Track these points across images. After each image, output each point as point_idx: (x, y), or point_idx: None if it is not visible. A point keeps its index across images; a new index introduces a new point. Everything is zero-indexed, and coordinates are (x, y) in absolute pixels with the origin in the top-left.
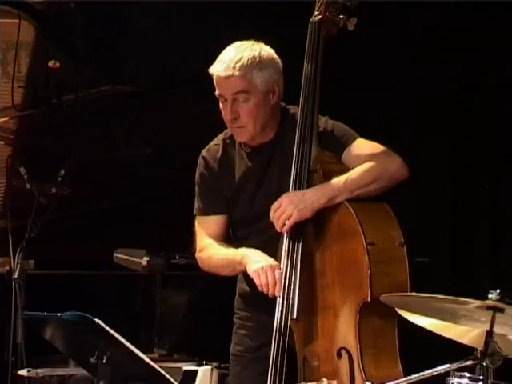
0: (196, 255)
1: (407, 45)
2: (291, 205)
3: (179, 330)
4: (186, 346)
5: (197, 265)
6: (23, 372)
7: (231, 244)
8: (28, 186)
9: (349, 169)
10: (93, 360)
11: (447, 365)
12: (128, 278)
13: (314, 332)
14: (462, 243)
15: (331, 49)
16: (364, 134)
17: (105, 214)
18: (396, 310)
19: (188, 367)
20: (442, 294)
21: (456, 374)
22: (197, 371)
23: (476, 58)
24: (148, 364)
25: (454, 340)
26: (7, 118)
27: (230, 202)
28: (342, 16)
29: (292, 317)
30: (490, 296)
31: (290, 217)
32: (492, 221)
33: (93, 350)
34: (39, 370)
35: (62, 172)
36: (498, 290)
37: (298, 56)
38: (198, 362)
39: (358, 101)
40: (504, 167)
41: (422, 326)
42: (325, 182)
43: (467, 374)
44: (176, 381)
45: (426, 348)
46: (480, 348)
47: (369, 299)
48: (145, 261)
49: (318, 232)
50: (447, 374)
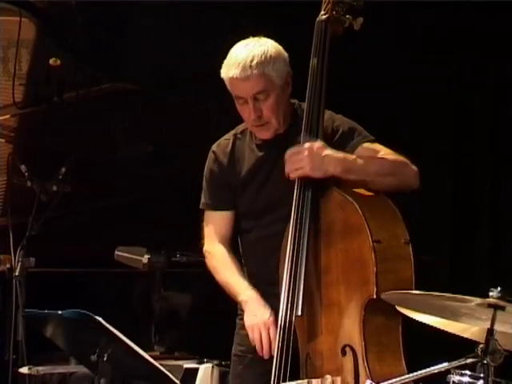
0: (204, 251)
1: (407, 45)
2: (309, 158)
3: (180, 327)
4: (186, 343)
5: (197, 263)
6: (24, 370)
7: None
8: (29, 183)
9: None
10: (94, 358)
11: (448, 363)
12: (129, 275)
13: (318, 329)
14: (462, 242)
15: (336, 48)
16: None
17: (105, 212)
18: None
19: (189, 365)
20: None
21: (457, 371)
22: (198, 369)
23: (476, 58)
24: (149, 362)
25: (455, 336)
26: (8, 116)
27: (237, 193)
28: (348, 16)
29: (296, 313)
30: (490, 294)
31: (301, 168)
32: (492, 220)
33: (94, 347)
34: (40, 368)
35: (63, 170)
36: (499, 288)
37: (298, 56)
38: (198, 359)
39: (358, 101)
40: (504, 167)
41: (422, 323)
42: (333, 183)
43: (468, 372)
44: (177, 378)
45: (426, 345)
46: (482, 342)
47: (374, 296)
48: (145, 258)
49: (324, 229)
50: (448, 372)
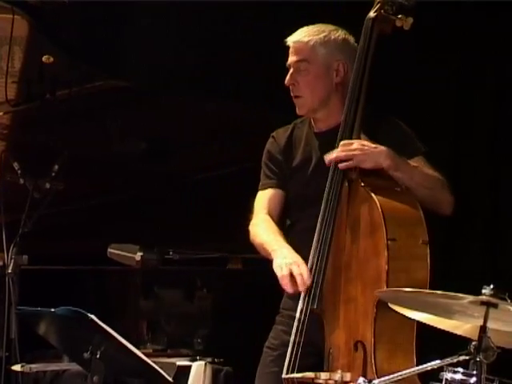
0: (249, 227)
1: (407, 45)
2: (361, 148)
3: (173, 325)
4: (179, 341)
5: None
6: (17, 367)
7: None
8: (22, 181)
9: (384, 170)
10: (86, 355)
11: (440, 360)
12: (122, 273)
13: (337, 324)
14: (456, 241)
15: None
16: None
17: (99, 210)
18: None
19: (182, 362)
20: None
21: (450, 369)
22: (190, 366)
23: (476, 58)
24: (142, 359)
25: (448, 333)
26: (1, 113)
27: (287, 177)
28: (398, 15)
29: (312, 306)
30: (483, 291)
31: (351, 157)
32: (488, 219)
33: (86, 345)
34: (33, 366)
35: (56, 167)
36: (492, 286)
37: None
38: (191, 357)
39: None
40: (503, 167)
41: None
42: (360, 178)
43: (461, 370)
44: (170, 376)
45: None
46: (474, 340)
47: None
48: (138, 256)
49: (349, 225)
50: (441, 369)
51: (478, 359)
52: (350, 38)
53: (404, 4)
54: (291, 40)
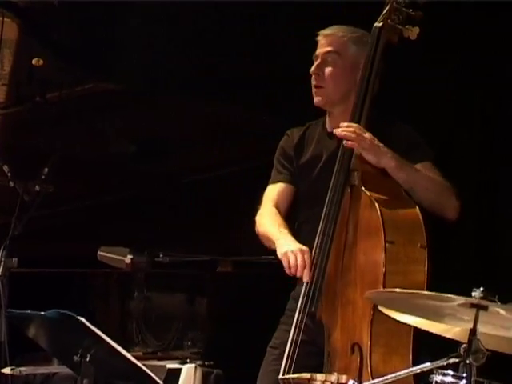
0: (256, 217)
1: (406, 45)
2: (370, 141)
3: (163, 328)
4: (169, 344)
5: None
6: (6, 370)
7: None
8: (11, 184)
9: (387, 174)
10: (76, 358)
11: (430, 363)
12: (111, 276)
13: (336, 327)
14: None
15: (391, 55)
16: None
17: (89, 212)
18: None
19: (172, 365)
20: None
21: (439, 371)
22: (181, 369)
23: (475, 58)
24: (132, 362)
25: (438, 335)
26: None
27: (297, 173)
28: (404, 25)
29: (310, 309)
30: (473, 294)
31: (359, 142)
32: (479, 221)
33: (76, 348)
34: (23, 369)
35: (46, 170)
36: (482, 288)
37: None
38: (181, 360)
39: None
40: (503, 168)
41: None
42: (363, 182)
43: (451, 372)
44: (160, 379)
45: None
46: (464, 342)
47: None
48: (128, 259)
49: (350, 229)
50: (431, 372)
51: (467, 362)
52: None
53: (411, 14)
54: (324, 33)
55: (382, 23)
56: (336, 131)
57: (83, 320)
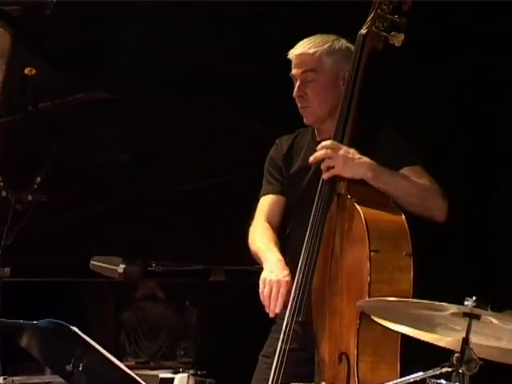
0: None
1: (406, 45)
2: (343, 157)
3: (155, 337)
4: (162, 353)
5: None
6: None
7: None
8: (4, 193)
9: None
10: (69, 368)
11: (423, 372)
12: (104, 285)
13: (324, 337)
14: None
15: (376, 62)
16: None
17: (81, 222)
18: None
19: (164, 375)
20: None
21: (432, 381)
22: (173, 379)
23: (475, 57)
24: (124, 372)
25: (431, 344)
26: None
27: (287, 182)
28: (389, 32)
29: (297, 319)
30: (466, 303)
31: (334, 166)
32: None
33: (69, 357)
34: (15, 378)
35: (38, 179)
36: (474, 297)
37: None
38: (174, 369)
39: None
40: (503, 167)
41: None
42: (348, 191)
43: (444, 382)
44: None
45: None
46: (457, 351)
47: None
48: (121, 268)
49: (337, 238)
50: (423, 381)
51: (460, 371)
52: (351, 46)
53: (395, 21)
54: (295, 53)
55: (366, 30)
56: (310, 160)
57: (76, 330)
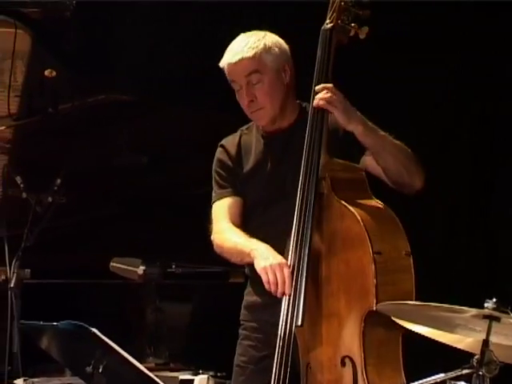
0: (211, 237)
1: (406, 45)
2: (344, 101)
3: (175, 339)
4: (182, 355)
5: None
6: (19, 381)
7: (246, 230)
8: (24, 195)
9: (357, 177)
10: (89, 369)
11: (444, 374)
12: (124, 287)
13: (318, 339)
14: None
15: (376, 62)
16: None
17: (101, 223)
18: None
19: (184, 376)
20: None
21: (452, 383)
22: (193, 380)
23: (475, 57)
24: (144, 373)
25: (451, 346)
26: (3, 128)
27: (244, 183)
28: (353, 25)
29: (296, 323)
30: (486, 305)
31: (333, 102)
32: (489, 223)
33: (89, 359)
34: (35, 380)
35: (58, 181)
36: (495, 299)
37: (299, 58)
38: (194, 371)
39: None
40: (502, 167)
41: (418, 333)
42: (332, 189)
43: (464, 383)
44: None
45: (421, 355)
46: (477, 353)
47: (374, 308)
48: (141, 270)
49: (325, 238)
50: (444, 383)
51: (480, 373)
52: (277, 36)
53: (359, 14)
54: (233, 61)
55: (331, 24)
56: (315, 102)
57: (95, 331)
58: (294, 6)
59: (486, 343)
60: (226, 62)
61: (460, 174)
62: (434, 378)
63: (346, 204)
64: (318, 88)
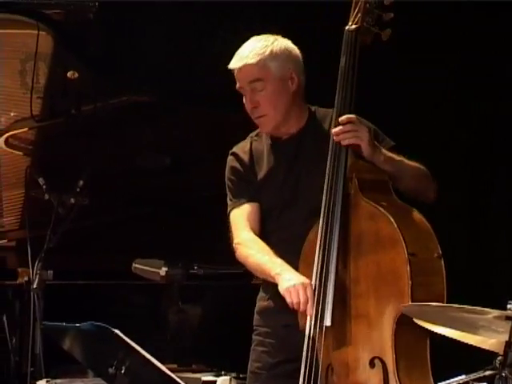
0: (234, 245)
1: (406, 45)
2: (368, 133)
3: (198, 340)
4: (204, 356)
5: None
6: (42, 382)
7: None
8: (46, 196)
9: (381, 178)
10: (111, 370)
11: (466, 375)
12: (146, 288)
13: (344, 340)
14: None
15: (376, 62)
16: None
17: (123, 225)
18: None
19: (206, 378)
20: (458, 302)
21: None
22: (215, 382)
23: (476, 57)
24: (167, 374)
25: (474, 346)
26: (26, 129)
27: (258, 190)
28: (376, 27)
29: (326, 323)
30: (509, 306)
31: (358, 137)
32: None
33: (111, 360)
34: (58, 381)
35: (81, 182)
36: None
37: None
38: (216, 372)
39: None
40: (502, 167)
41: (440, 334)
42: (360, 191)
43: None
44: None
45: (444, 357)
46: (500, 354)
47: None
48: (163, 271)
49: (353, 239)
50: None
51: (503, 374)
52: (289, 42)
53: (382, 16)
54: (237, 66)
55: (357, 26)
56: (334, 132)
57: (118, 332)
58: (293, 6)
59: (508, 345)
60: (232, 66)
61: (460, 174)
62: (456, 379)
63: (375, 205)
64: (342, 119)
